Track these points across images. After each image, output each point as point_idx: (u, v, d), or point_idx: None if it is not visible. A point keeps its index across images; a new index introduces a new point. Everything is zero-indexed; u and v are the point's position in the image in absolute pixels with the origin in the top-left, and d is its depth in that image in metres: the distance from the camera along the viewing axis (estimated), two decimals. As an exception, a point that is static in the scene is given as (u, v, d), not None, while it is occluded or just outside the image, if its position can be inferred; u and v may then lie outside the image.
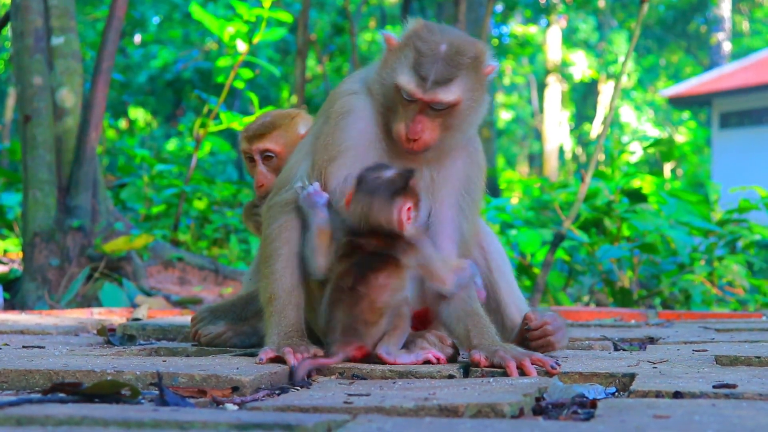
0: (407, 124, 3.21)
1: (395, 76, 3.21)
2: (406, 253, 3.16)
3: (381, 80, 3.27)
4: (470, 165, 3.44)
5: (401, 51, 3.24)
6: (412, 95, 3.18)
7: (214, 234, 10.06)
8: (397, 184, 3.15)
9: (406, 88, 3.17)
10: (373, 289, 3.11)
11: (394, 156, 3.32)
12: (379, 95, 3.28)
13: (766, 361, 3.29)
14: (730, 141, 26.59)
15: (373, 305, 3.10)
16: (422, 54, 3.20)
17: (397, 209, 3.12)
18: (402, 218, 3.13)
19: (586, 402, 2.57)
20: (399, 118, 3.23)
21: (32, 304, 6.61)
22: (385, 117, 3.29)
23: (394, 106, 3.24)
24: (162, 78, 24.96)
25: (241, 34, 8.37)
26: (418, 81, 3.17)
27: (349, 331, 3.11)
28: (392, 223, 3.13)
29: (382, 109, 3.29)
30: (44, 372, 2.88)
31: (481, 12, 18.52)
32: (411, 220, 3.16)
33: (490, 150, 21.40)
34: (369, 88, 3.34)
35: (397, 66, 3.22)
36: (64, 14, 6.98)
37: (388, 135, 3.31)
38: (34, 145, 6.80)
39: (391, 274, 3.14)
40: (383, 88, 3.26)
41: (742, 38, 41.68)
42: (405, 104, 3.21)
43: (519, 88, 44.75)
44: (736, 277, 8.57)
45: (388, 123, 3.28)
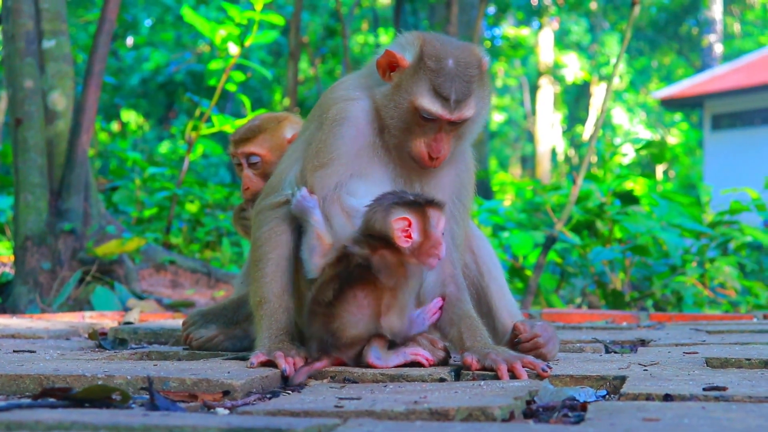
0: (428, 144, 3.23)
1: (416, 99, 3.19)
2: (392, 274, 3.10)
3: (395, 102, 3.23)
4: (461, 169, 3.45)
5: (415, 72, 3.22)
6: (438, 117, 3.19)
7: (206, 237, 10.05)
8: (405, 198, 3.15)
9: (431, 110, 3.18)
10: (350, 309, 3.08)
11: (391, 164, 3.31)
12: (390, 113, 3.25)
13: (757, 363, 3.30)
14: (722, 143, 26.65)
15: (348, 328, 3.09)
16: (439, 74, 3.19)
17: (394, 218, 3.11)
18: (395, 228, 3.11)
19: (576, 405, 2.58)
20: (416, 137, 3.23)
21: (24, 308, 6.60)
22: (388, 127, 3.27)
23: (410, 126, 3.23)
24: (154, 80, 24.93)
25: (232, 37, 8.36)
26: (443, 102, 3.18)
27: (326, 347, 3.12)
28: (386, 230, 3.11)
29: (388, 121, 3.26)
30: (34, 377, 2.87)
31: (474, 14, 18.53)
32: (407, 236, 3.12)
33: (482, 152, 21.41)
34: (371, 97, 3.32)
35: (415, 89, 3.20)
36: (55, 17, 6.97)
37: (385, 144, 3.31)
38: (26, 149, 6.79)
39: (369, 295, 3.09)
40: (397, 110, 3.23)
41: (734, 40, 41.78)
42: (423, 124, 3.22)
43: (511, 90, 44.80)
44: (727, 278, 8.59)
45: (389, 132, 3.27)
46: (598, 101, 38.29)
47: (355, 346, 3.13)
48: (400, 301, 3.12)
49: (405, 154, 3.29)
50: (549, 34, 37.29)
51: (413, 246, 3.13)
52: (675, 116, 40.87)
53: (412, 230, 3.12)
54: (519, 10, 31.01)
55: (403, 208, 3.12)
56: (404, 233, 3.12)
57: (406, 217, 3.12)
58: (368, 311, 3.08)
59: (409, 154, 3.27)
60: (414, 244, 3.13)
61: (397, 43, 3.33)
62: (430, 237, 3.14)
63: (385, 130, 3.29)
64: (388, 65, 3.27)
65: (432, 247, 3.15)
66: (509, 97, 44.86)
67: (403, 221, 3.11)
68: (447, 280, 3.33)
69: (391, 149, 3.32)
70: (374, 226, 3.14)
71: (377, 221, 3.13)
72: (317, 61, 20.36)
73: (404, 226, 3.11)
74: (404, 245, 3.11)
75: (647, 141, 11.64)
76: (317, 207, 3.25)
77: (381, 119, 3.30)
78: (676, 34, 41.59)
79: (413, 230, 3.12)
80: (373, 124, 3.31)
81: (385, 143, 3.31)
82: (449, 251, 3.34)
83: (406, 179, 3.33)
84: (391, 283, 3.10)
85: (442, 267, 3.33)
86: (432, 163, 3.25)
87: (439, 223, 3.17)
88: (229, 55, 8.45)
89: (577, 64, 39.20)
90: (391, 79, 3.26)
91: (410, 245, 3.12)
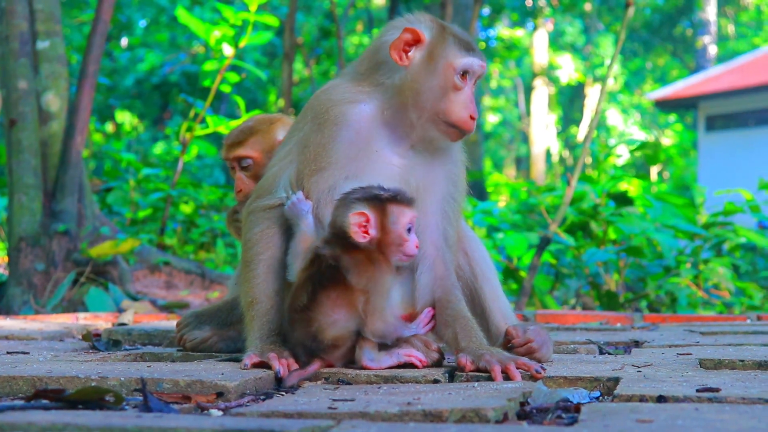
0: (467, 105, 3.29)
1: (454, 59, 3.28)
2: (360, 272, 3.06)
3: (426, 75, 3.28)
4: (453, 165, 3.45)
5: (441, 39, 3.31)
6: (478, 68, 3.31)
7: (200, 238, 10.05)
8: (367, 193, 3.11)
9: (472, 64, 3.30)
10: (325, 311, 3.06)
11: (388, 166, 3.31)
12: (422, 89, 3.27)
13: (750, 364, 3.31)
14: (716, 144, 26.68)
15: (327, 330, 3.08)
16: (461, 35, 3.35)
17: (352, 212, 3.08)
18: (351, 222, 3.07)
19: (570, 406, 2.58)
20: (452, 104, 3.28)
21: (18, 309, 6.59)
22: (419, 107, 3.28)
23: (446, 92, 3.27)
24: (149, 81, 24.90)
25: (227, 38, 8.36)
26: (475, 55, 3.32)
27: (311, 351, 3.11)
28: (343, 225, 3.08)
29: (419, 99, 3.28)
30: (28, 378, 2.87)
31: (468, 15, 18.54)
32: (364, 232, 3.08)
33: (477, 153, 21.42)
34: (377, 94, 3.33)
35: (449, 51, 3.29)
36: (49, 18, 6.97)
37: (389, 145, 3.31)
38: (20, 150, 6.78)
39: (342, 296, 3.06)
40: (432, 80, 3.27)
41: (728, 41, 41.86)
42: (460, 86, 3.28)
43: (506, 92, 44.83)
44: (721, 279, 8.59)
45: (419, 113, 3.29)
46: (593, 102, 38.33)
47: (339, 347, 3.11)
48: (376, 301, 3.07)
49: (438, 133, 3.31)
50: (543, 35, 37.32)
51: (372, 242, 3.08)
52: (669, 117, 40.93)
53: (370, 226, 3.08)
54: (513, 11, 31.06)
55: (362, 203, 3.08)
56: (361, 228, 3.08)
57: (363, 212, 3.07)
58: (343, 311, 3.06)
59: (448, 126, 3.29)
60: (372, 241, 3.08)
61: (396, 27, 3.36)
62: (389, 233, 3.09)
63: (413, 113, 3.29)
64: (406, 44, 3.30)
65: (395, 245, 3.10)
66: (504, 98, 44.89)
67: (359, 216, 3.07)
68: (440, 280, 3.33)
69: (411, 138, 3.32)
70: (335, 222, 3.12)
71: (337, 217, 3.12)
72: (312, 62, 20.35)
73: (361, 221, 3.08)
74: (360, 240, 3.07)
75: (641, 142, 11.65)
76: (310, 212, 3.25)
77: (396, 112, 3.31)
78: (670, 36, 41.67)
79: (371, 226, 3.08)
80: (374, 125, 3.30)
81: (392, 136, 3.31)
82: (442, 251, 3.34)
83: (402, 180, 3.33)
84: (362, 284, 3.06)
85: (434, 267, 3.33)
86: (472, 126, 3.31)
87: (401, 219, 3.10)
88: (224, 56, 8.44)
89: (572, 65, 39.24)
90: (410, 59, 3.29)
91: (367, 241, 3.08)
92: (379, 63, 3.36)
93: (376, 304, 3.07)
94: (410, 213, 3.14)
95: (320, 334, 3.08)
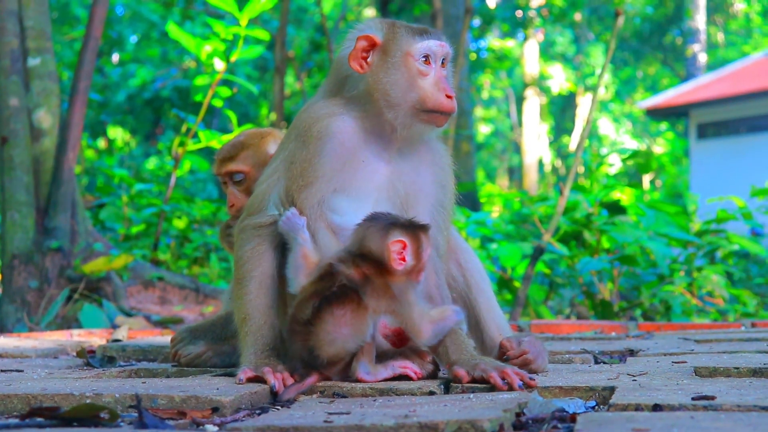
0: (439, 86, 3.29)
1: (410, 47, 3.30)
2: (379, 295, 3.09)
3: (390, 72, 3.30)
4: (440, 170, 3.46)
5: (394, 36, 3.33)
6: (437, 49, 3.31)
7: (194, 253, 10.03)
8: (400, 221, 3.17)
9: (429, 46, 3.31)
10: (327, 327, 3.06)
11: (376, 175, 3.32)
12: (389, 86, 3.29)
13: (745, 371, 3.31)
14: (708, 151, 26.75)
15: (326, 346, 3.07)
16: (412, 25, 3.37)
17: (391, 240, 3.11)
18: (391, 250, 3.11)
19: (566, 416, 2.58)
20: (423, 91, 3.28)
21: (11, 327, 6.57)
22: (392, 105, 3.30)
23: (413, 81, 3.28)
24: (140, 97, 24.91)
25: (218, 53, 8.36)
26: (431, 36, 3.34)
27: (307, 364, 3.11)
28: (381, 251, 3.11)
29: (390, 97, 3.30)
30: (22, 396, 2.86)
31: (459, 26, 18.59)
32: (401, 259, 3.12)
33: (469, 164, 21.44)
34: (352, 105, 3.35)
35: (404, 43, 3.31)
36: (40, 35, 6.97)
37: (374, 154, 3.32)
38: (12, 167, 6.77)
39: (348, 315, 3.06)
40: (396, 75, 3.29)
41: (717, 49, 42.01)
42: (425, 71, 3.29)
43: (497, 102, 44.92)
44: (715, 287, 8.61)
45: (395, 110, 3.30)
46: (584, 112, 38.42)
47: (337, 364, 3.11)
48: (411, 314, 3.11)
49: (421, 124, 3.31)
50: (534, 45, 37.42)
51: (406, 269, 3.13)
52: (661, 126, 41.04)
53: (407, 253, 3.12)
54: (504, 22, 31.14)
55: (400, 231, 3.13)
56: (399, 255, 3.11)
57: (402, 240, 3.12)
58: (348, 330, 3.06)
59: (428, 113, 3.29)
60: (407, 267, 3.13)
61: (350, 39, 3.40)
62: (421, 260, 3.16)
63: (392, 113, 3.30)
64: (363, 51, 3.33)
65: (419, 270, 3.18)
66: (495, 109, 44.99)
67: (398, 244, 3.11)
68: (430, 291, 3.33)
69: (396, 141, 3.34)
70: (369, 247, 3.13)
71: (373, 242, 3.13)
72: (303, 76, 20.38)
73: (399, 249, 3.11)
74: (398, 267, 3.11)
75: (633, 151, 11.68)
76: (305, 226, 3.25)
77: (375, 119, 3.32)
78: (660, 44, 41.81)
79: (407, 253, 3.12)
80: (357, 135, 3.32)
81: (377, 145, 3.32)
82: (432, 260, 3.34)
83: (390, 190, 3.33)
84: (381, 307, 3.09)
85: (426, 278, 3.33)
86: (452, 104, 3.30)
87: (429, 247, 3.20)
88: (215, 71, 8.44)
89: (563, 75, 39.36)
90: (370, 65, 3.33)
91: (403, 268, 3.12)
92: (344, 77, 3.42)
93: (414, 316, 3.10)
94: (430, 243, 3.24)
95: (318, 349, 3.07)
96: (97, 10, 7.27)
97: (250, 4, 7.84)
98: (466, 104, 20.47)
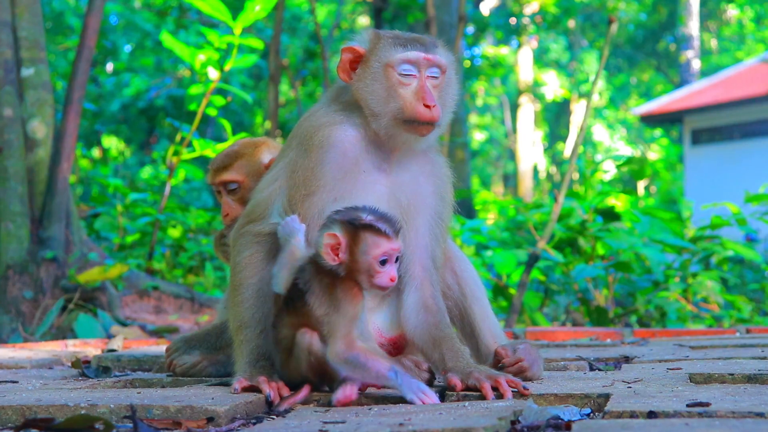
0: (418, 96, 3.26)
1: (389, 58, 3.29)
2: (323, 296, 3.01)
3: (372, 82, 3.30)
4: (440, 181, 3.46)
5: (376, 47, 3.33)
6: (416, 59, 3.28)
7: (189, 262, 10.02)
8: (346, 215, 3.06)
9: (407, 57, 3.28)
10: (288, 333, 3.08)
11: (376, 185, 3.31)
12: (373, 96, 3.30)
13: (740, 378, 3.31)
14: (702, 157, 26.79)
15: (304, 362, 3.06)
16: (398, 35, 3.36)
17: (326, 233, 3.04)
18: (323, 243, 3.02)
19: (561, 424, 2.58)
20: (405, 101, 3.27)
21: (6, 337, 6.56)
22: (377, 115, 3.30)
23: (394, 93, 3.28)
24: (135, 106, 24.90)
25: (212, 62, 8.36)
26: (413, 46, 3.31)
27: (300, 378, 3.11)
28: (316, 244, 3.06)
29: (374, 107, 3.30)
30: (17, 407, 2.85)
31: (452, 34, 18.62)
32: (335, 254, 3.01)
33: (464, 171, 21.46)
34: (352, 113, 3.35)
35: (384, 54, 3.30)
36: (33, 45, 6.97)
37: (374, 165, 3.32)
38: (6, 177, 6.77)
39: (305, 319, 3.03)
40: (377, 85, 3.29)
41: (711, 56, 42.11)
42: (405, 82, 3.29)
43: (492, 109, 44.98)
44: (710, 293, 8.62)
45: (380, 121, 3.30)
46: (579, 118, 38.48)
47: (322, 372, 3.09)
48: (338, 326, 2.98)
49: (405, 133, 3.30)
50: (528, 52, 37.50)
51: (342, 267, 3.03)
52: (655, 132, 41.09)
53: (341, 249, 3.02)
54: (498, 29, 31.16)
55: (337, 225, 3.04)
56: (333, 250, 3.03)
57: (335, 234, 3.02)
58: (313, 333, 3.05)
59: (408, 123, 3.28)
60: (342, 265, 3.02)
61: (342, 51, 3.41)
62: (358, 261, 3.01)
63: (376, 124, 3.30)
64: (349, 63, 3.35)
65: (365, 274, 3.02)
66: (490, 116, 45.03)
67: (331, 237, 3.03)
68: (426, 301, 3.33)
69: (386, 149, 3.34)
70: (310, 241, 3.11)
71: (313, 236, 3.11)
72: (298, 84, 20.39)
73: (333, 243, 3.02)
74: (329, 263, 3.02)
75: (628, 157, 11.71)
76: (303, 231, 3.24)
77: (369, 129, 3.33)
78: (654, 51, 41.89)
79: (341, 250, 3.02)
80: (359, 145, 3.32)
81: (377, 156, 3.32)
82: (429, 272, 3.34)
83: (390, 201, 3.33)
84: (321, 309, 3.00)
85: (421, 288, 3.33)
86: (432, 114, 3.25)
87: (372, 249, 3.01)
88: (209, 80, 8.44)
89: (557, 81, 39.42)
90: (356, 75, 3.34)
91: (336, 264, 3.03)
92: (342, 87, 3.44)
93: (339, 329, 2.98)
94: (388, 245, 3.02)
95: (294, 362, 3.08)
96: (90, 19, 7.28)
97: (244, 13, 7.85)
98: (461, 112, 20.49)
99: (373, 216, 3.04)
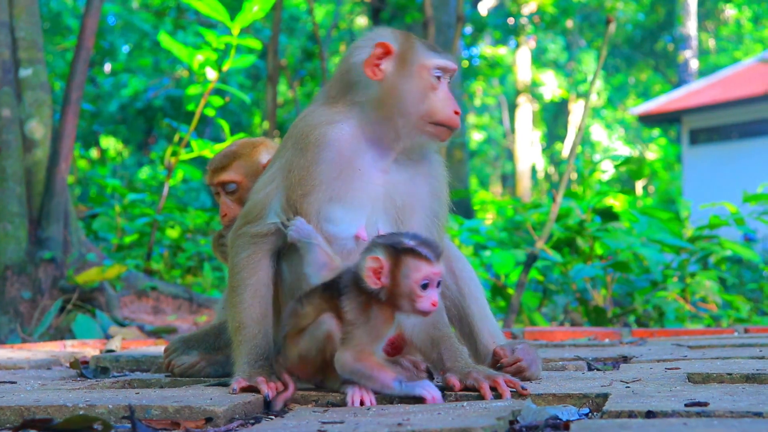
0: (448, 103, 3.35)
1: (427, 60, 3.36)
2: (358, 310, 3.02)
3: (402, 82, 3.33)
4: (436, 180, 3.47)
5: (410, 47, 3.38)
6: (452, 67, 3.39)
7: (187, 262, 10.02)
8: (389, 240, 3.05)
9: (446, 64, 3.37)
10: None
11: (370, 185, 3.31)
12: (400, 96, 3.32)
13: (738, 377, 3.32)
14: (700, 157, 26.81)
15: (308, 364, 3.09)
16: (424, 40, 3.44)
17: (369, 257, 3.02)
18: (366, 266, 3.01)
19: (559, 424, 2.58)
20: (432, 105, 3.33)
21: (4, 338, 6.55)
22: (402, 114, 3.32)
23: (424, 95, 3.33)
24: (133, 106, 24.89)
25: (210, 62, 8.36)
26: (445, 55, 3.40)
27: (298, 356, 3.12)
28: (359, 267, 3.04)
29: (400, 106, 3.32)
30: (15, 408, 2.85)
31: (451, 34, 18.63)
32: (377, 278, 2.99)
33: (462, 171, 21.47)
34: (354, 113, 3.35)
35: (420, 55, 3.36)
36: (31, 46, 6.97)
37: (371, 164, 3.32)
38: (4, 178, 6.76)
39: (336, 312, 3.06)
40: (408, 85, 3.33)
41: (709, 55, 42.13)
42: (436, 86, 3.35)
43: (490, 109, 44.99)
44: (708, 293, 8.62)
45: (402, 121, 3.32)
46: (577, 118, 38.51)
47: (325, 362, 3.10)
48: (358, 338, 3.00)
49: (426, 136, 3.35)
50: (526, 52, 37.51)
51: (383, 291, 3.01)
52: (653, 132, 41.12)
53: (383, 273, 3.00)
54: (496, 29, 31.18)
55: (380, 248, 3.02)
56: (375, 274, 3.01)
57: (378, 257, 3.00)
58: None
59: (435, 126, 3.34)
60: (384, 289, 3.01)
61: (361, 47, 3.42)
62: (399, 285, 2.99)
63: (400, 121, 3.32)
64: (377, 58, 3.35)
65: (406, 298, 3.00)
66: (488, 116, 45.04)
67: (374, 261, 3.00)
68: None
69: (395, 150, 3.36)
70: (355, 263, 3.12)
71: (358, 259, 3.10)
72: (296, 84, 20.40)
73: (375, 267, 3.00)
74: (372, 286, 3.00)
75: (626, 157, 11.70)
76: (314, 231, 3.24)
77: (377, 127, 3.33)
78: (651, 51, 41.92)
79: (383, 274, 3.00)
80: (355, 143, 3.31)
81: (373, 155, 3.32)
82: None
83: (386, 200, 3.33)
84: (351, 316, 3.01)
85: None
86: (458, 121, 3.36)
87: (413, 273, 2.99)
88: (207, 80, 8.44)
89: (555, 81, 39.45)
90: (383, 72, 3.34)
91: (378, 288, 3.01)
92: (351, 83, 3.40)
93: (358, 342, 3.00)
94: (429, 269, 3.00)
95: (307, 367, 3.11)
96: (88, 20, 7.28)
97: (242, 14, 7.85)
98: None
99: (414, 241, 3.04)
